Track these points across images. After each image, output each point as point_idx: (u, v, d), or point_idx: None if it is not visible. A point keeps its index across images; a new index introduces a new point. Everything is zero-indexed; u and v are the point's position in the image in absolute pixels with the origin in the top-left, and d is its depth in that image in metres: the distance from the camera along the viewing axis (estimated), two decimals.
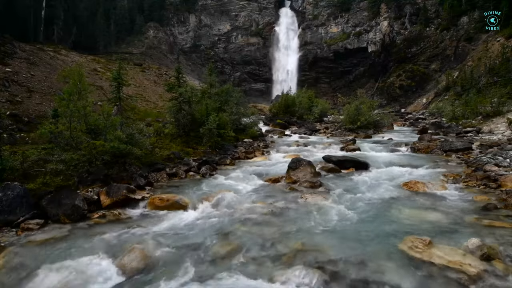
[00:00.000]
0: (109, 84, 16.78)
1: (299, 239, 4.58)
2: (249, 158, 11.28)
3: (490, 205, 5.62)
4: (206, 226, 5.23)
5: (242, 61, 59.22)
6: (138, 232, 4.95)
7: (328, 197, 6.47)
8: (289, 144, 14.58)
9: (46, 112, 12.36)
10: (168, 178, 8.18)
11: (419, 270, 3.68)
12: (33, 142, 8.75)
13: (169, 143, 11.21)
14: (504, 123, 16.50)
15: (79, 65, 18.11)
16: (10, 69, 15.97)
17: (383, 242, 4.42)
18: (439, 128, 18.82)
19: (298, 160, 8.54)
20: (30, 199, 5.58)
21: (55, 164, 6.50)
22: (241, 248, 4.36)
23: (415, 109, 39.26)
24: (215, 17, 59.19)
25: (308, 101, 28.19)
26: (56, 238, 4.76)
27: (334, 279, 3.58)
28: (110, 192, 6.15)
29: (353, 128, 18.95)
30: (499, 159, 8.56)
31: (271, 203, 6.24)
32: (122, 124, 8.77)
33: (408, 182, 7.27)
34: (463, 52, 40.37)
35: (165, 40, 53.48)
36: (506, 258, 3.86)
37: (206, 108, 12.41)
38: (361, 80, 52.47)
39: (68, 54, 27.03)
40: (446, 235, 4.58)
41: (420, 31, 47.14)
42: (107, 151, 7.09)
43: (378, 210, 5.78)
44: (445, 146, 11.43)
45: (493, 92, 21.46)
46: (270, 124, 23.02)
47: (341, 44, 53.89)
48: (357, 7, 54.16)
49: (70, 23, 40.60)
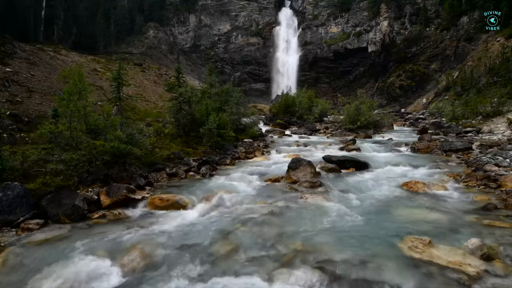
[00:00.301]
0: (109, 84, 16.79)
1: (299, 239, 4.58)
2: (249, 158, 11.28)
3: (490, 205, 5.62)
4: (206, 226, 5.23)
5: (242, 61, 59.23)
6: (138, 232, 4.95)
7: (328, 197, 6.47)
8: (289, 144, 14.58)
9: (46, 112, 12.36)
10: (168, 178, 8.18)
11: (419, 270, 3.68)
12: (33, 142, 8.75)
13: (169, 143, 11.21)
14: (504, 123, 16.50)
15: (79, 65, 18.15)
16: (10, 69, 15.98)
17: (383, 242, 4.42)
18: (439, 128, 18.82)
19: (298, 160, 8.53)
20: (30, 199, 5.58)
21: (55, 164, 6.50)
22: (241, 248, 4.36)
23: (415, 109, 39.27)
24: (215, 17, 59.21)
25: (308, 101, 28.20)
26: (56, 238, 4.76)
27: (334, 279, 3.58)
28: (110, 192, 6.15)
29: (353, 128, 18.95)
30: (499, 159, 8.56)
31: (271, 203, 6.24)
32: (122, 124, 8.77)
33: (408, 182, 7.27)
34: (463, 52, 40.38)
35: (165, 40, 53.48)
36: (506, 258, 3.86)
37: (206, 108, 12.41)
38: (361, 80, 52.48)
39: (68, 54, 27.04)
40: (446, 235, 4.58)
41: (420, 31, 47.14)
42: (107, 151, 7.09)
43: (378, 210, 5.78)
44: (445, 146, 11.42)
45: (493, 92, 21.46)
46: (270, 124, 23.02)
47: (341, 44, 53.90)
48: (357, 7, 54.17)
49: (70, 23, 40.61)
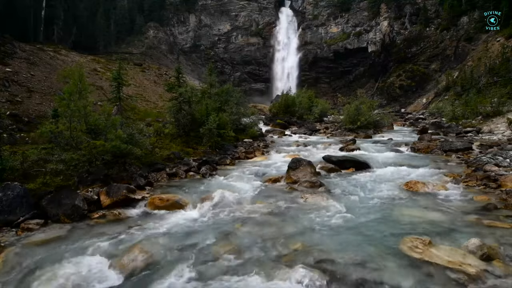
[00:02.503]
0: (109, 84, 16.79)
1: (299, 239, 4.58)
2: (249, 158, 11.28)
3: (490, 205, 5.62)
4: (206, 226, 5.23)
5: (242, 61, 59.21)
6: (138, 232, 4.96)
7: (328, 197, 6.47)
8: (289, 144, 14.58)
9: (46, 112, 12.36)
10: (168, 178, 8.18)
11: (419, 270, 3.68)
12: (33, 142, 8.75)
13: (169, 143, 11.21)
14: (504, 123, 16.51)
15: (79, 65, 18.09)
16: (10, 69, 15.97)
17: (383, 242, 4.42)
18: (439, 128, 18.80)
19: (298, 160, 8.52)
20: (30, 199, 5.58)
21: (55, 164, 6.50)
22: (241, 248, 4.36)
23: (415, 109, 39.26)
24: (215, 17, 59.19)
25: (308, 101, 28.18)
26: (56, 238, 4.76)
27: (334, 279, 3.58)
28: (110, 192, 6.15)
29: (353, 128, 18.94)
30: (499, 159, 8.56)
31: (271, 203, 6.24)
32: (122, 124, 8.77)
33: (408, 182, 7.27)
34: (463, 52, 40.37)
35: (165, 40, 53.48)
36: (506, 258, 3.86)
37: (206, 108, 12.41)
38: (361, 80, 52.47)
39: (68, 54, 27.03)
40: (446, 235, 4.58)
41: (420, 31, 47.13)
42: (107, 151, 7.09)
43: (378, 210, 5.78)
44: (445, 146, 11.42)
45: (493, 92, 21.45)
46: (270, 124, 23.02)
47: (341, 44, 53.90)
48: (357, 7, 54.17)
49: (70, 23, 40.60)
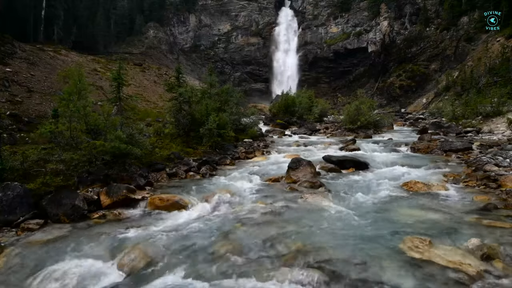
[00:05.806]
0: (109, 84, 16.71)
1: (299, 239, 4.57)
2: (249, 158, 11.28)
3: (490, 205, 5.61)
4: (206, 226, 5.23)
5: (242, 61, 59.26)
6: (138, 232, 4.95)
7: (328, 197, 6.47)
8: (289, 144, 14.58)
9: (46, 112, 12.37)
10: (168, 178, 8.18)
11: (419, 270, 3.67)
12: (33, 142, 8.75)
13: (169, 143, 11.21)
14: (504, 123, 16.51)
15: (79, 65, 18.11)
16: (10, 69, 15.98)
17: (383, 242, 4.42)
18: (439, 128, 18.80)
19: (298, 160, 8.52)
20: (30, 199, 5.57)
21: (55, 164, 6.50)
22: (241, 248, 4.36)
23: (415, 109, 39.27)
24: (215, 17, 59.23)
25: (308, 101, 28.15)
26: (56, 238, 4.75)
27: (334, 279, 3.58)
28: (110, 192, 6.14)
29: (353, 128, 18.95)
30: (499, 159, 8.56)
31: (271, 203, 6.23)
32: (122, 124, 8.76)
33: (408, 182, 7.26)
34: (463, 52, 40.40)
35: (165, 40, 53.50)
36: (506, 258, 3.86)
37: (206, 108, 12.40)
38: (361, 80, 52.49)
39: (68, 54, 27.04)
40: (446, 235, 4.58)
41: (420, 31, 47.16)
42: (107, 151, 7.09)
43: (378, 210, 5.78)
44: (445, 146, 11.42)
45: (493, 92, 21.45)
46: (270, 124, 23.04)
47: (341, 44, 53.96)
48: (357, 7, 54.21)
49: (70, 23, 40.64)
